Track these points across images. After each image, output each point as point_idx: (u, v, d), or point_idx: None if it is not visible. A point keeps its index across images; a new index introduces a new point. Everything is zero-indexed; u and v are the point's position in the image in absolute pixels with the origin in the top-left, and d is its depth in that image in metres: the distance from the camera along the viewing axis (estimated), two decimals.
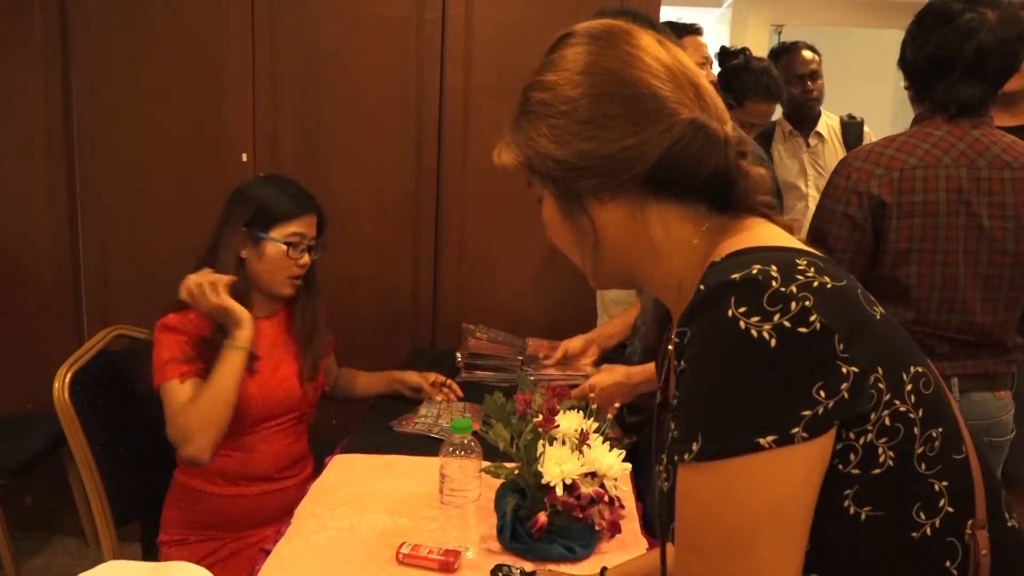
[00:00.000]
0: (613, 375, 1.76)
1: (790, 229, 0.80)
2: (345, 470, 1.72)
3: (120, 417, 1.90)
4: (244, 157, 2.59)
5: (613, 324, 2.15)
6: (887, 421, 0.69)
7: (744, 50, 2.71)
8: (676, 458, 0.70)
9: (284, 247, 1.79)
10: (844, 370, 0.66)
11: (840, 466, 0.68)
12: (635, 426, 1.82)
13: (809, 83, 3.12)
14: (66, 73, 2.60)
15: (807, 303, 0.65)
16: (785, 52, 3.16)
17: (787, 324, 0.65)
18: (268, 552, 1.41)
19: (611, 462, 1.38)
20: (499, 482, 1.48)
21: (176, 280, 2.28)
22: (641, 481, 1.73)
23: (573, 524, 1.39)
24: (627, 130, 0.77)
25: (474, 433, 1.41)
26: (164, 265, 2.64)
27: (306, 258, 1.83)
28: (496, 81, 2.54)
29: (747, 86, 2.50)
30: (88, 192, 2.67)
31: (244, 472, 1.81)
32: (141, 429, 1.95)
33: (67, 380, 1.77)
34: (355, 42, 2.54)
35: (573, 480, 1.35)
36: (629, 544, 1.44)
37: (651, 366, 1.74)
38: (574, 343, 2.08)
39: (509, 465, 1.45)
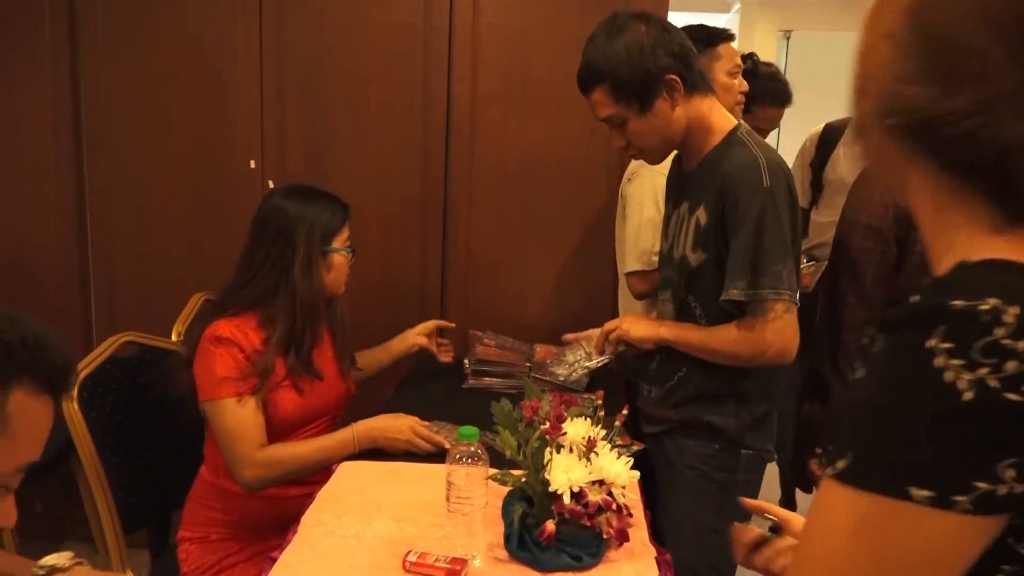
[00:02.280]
0: (645, 328, 1.69)
1: None
2: (352, 477, 1.72)
3: (129, 424, 1.90)
4: (252, 164, 2.60)
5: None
6: None
7: (752, 55, 2.70)
8: (826, 463, 0.62)
9: (348, 253, 1.89)
10: None
11: (1010, 540, 0.58)
12: (654, 436, 1.79)
13: None
14: (75, 82, 2.62)
15: None
16: None
17: (993, 384, 0.54)
18: (275, 560, 1.41)
19: (619, 470, 1.37)
20: (506, 489, 1.48)
21: (185, 288, 2.30)
22: (650, 489, 1.72)
23: (581, 532, 1.38)
24: (937, 88, 0.63)
25: (480, 440, 1.41)
26: (173, 273, 2.66)
27: (353, 256, 1.93)
28: (503, 89, 2.55)
29: (755, 91, 2.49)
30: (97, 200, 2.69)
31: None
32: (150, 436, 1.96)
33: (76, 387, 1.78)
34: (362, 50, 2.55)
35: (580, 488, 1.35)
36: (637, 552, 1.43)
37: (683, 331, 1.68)
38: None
39: (516, 473, 1.45)
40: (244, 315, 1.78)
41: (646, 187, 2.14)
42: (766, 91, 2.56)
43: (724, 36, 2.17)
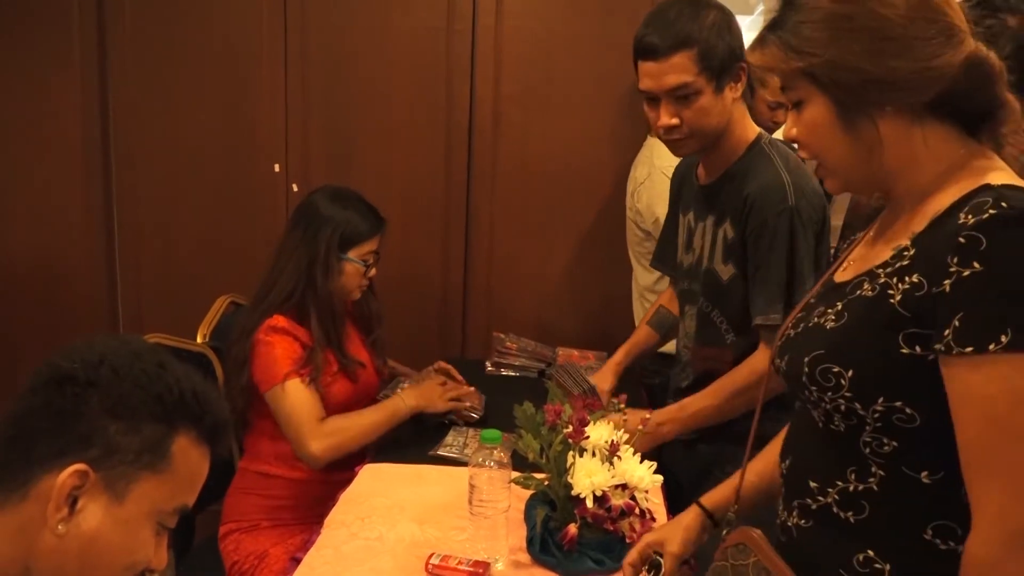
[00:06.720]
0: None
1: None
2: (374, 479, 1.72)
3: None
4: (276, 167, 2.62)
5: (623, 351, 1.93)
6: None
7: None
8: (969, 349, 0.79)
9: (362, 267, 1.87)
10: None
11: None
12: (687, 443, 1.74)
13: None
14: (103, 88, 2.65)
15: None
16: None
17: None
18: (298, 561, 1.42)
19: (642, 474, 1.37)
20: (529, 493, 1.47)
21: (211, 289, 2.31)
22: (675, 496, 1.70)
23: (603, 536, 1.37)
24: (931, 52, 0.86)
25: (503, 443, 1.41)
26: (198, 275, 2.69)
27: (373, 271, 1.93)
28: (525, 91, 2.55)
29: None
30: (124, 203, 2.72)
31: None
32: None
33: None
34: (386, 53, 2.56)
35: (603, 492, 1.34)
36: None
37: (692, 405, 1.63)
38: (605, 384, 1.86)
39: (539, 476, 1.44)
40: (286, 313, 1.82)
41: (655, 191, 2.13)
42: None
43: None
